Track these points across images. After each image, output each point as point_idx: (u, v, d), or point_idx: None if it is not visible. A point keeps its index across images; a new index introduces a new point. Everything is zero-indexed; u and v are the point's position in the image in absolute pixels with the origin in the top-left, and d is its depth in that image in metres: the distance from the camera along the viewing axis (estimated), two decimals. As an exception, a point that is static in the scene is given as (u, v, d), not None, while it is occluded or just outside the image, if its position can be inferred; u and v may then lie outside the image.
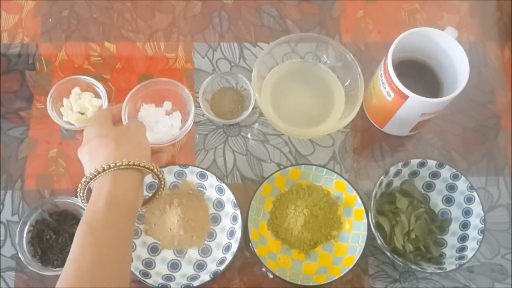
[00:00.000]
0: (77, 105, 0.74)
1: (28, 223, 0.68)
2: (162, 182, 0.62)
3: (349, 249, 0.69)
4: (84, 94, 0.75)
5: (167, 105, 0.75)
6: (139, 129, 0.63)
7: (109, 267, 0.53)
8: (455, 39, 0.68)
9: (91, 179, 0.56)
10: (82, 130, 0.73)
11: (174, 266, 0.69)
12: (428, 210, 0.72)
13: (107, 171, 0.56)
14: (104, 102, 0.74)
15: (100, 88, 0.75)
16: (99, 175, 0.56)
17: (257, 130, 0.77)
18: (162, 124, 0.73)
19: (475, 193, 0.69)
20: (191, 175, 0.72)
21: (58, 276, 0.66)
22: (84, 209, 0.68)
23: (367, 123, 0.78)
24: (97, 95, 0.75)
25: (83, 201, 0.59)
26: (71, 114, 0.74)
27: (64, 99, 0.75)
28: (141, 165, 0.57)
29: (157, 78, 0.74)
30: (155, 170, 0.59)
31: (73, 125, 0.73)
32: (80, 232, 0.53)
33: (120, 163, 0.56)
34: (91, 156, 0.58)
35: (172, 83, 0.73)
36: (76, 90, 0.75)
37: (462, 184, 0.70)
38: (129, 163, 0.56)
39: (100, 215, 0.54)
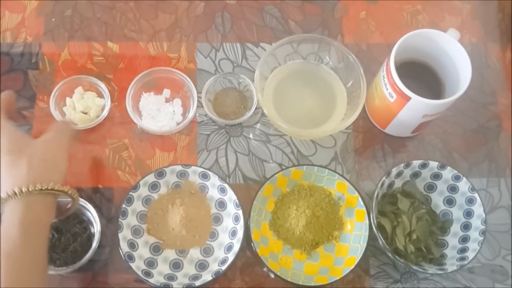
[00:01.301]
0: (80, 105, 0.74)
1: (31, 222, 0.68)
2: (76, 201, 0.61)
3: (351, 250, 0.70)
4: (87, 93, 0.75)
5: (166, 92, 0.76)
6: (56, 142, 0.60)
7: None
8: (458, 41, 0.69)
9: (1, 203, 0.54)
10: (85, 130, 0.73)
11: (176, 265, 0.70)
12: (430, 211, 0.72)
13: (18, 196, 0.54)
14: (107, 101, 0.74)
15: (103, 87, 0.75)
16: (10, 199, 0.54)
17: (259, 131, 0.77)
18: (164, 111, 0.75)
19: (476, 195, 0.69)
20: (193, 175, 0.72)
21: (60, 275, 0.68)
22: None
23: (369, 124, 0.78)
24: (100, 95, 0.75)
25: None
26: (74, 114, 0.74)
27: (67, 99, 0.75)
28: (54, 189, 0.56)
29: (153, 68, 0.76)
30: (69, 192, 0.58)
31: (76, 124, 0.73)
32: None
33: (33, 188, 0.54)
34: (3, 175, 0.55)
35: (168, 70, 0.75)
36: (79, 89, 0.75)
37: (463, 185, 0.71)
38: (42, 188, 0.55)
39: (15, 242, 0.53)
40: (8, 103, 0.63)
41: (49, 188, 0.55)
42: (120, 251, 0.67)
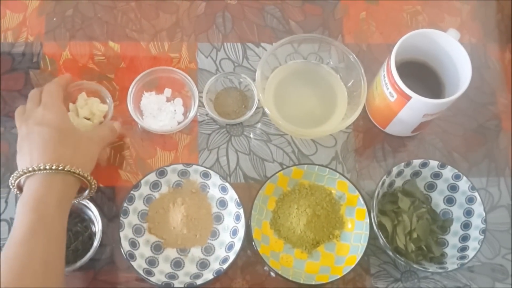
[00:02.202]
0: (84, 111, 0.72)
1: (32, 221, 0.68)
2: (92, 191, 0.66)
3: (351, 249, 0.70)
4: (90, 99, 0.74)
5: (168, 91, 0.77)
6: (96, 144, 0.66)
7: (57, 254, 0.58)
8: (458, 41, 0.69)
9: (41, 170, 0.59)
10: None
11: (177, 264, 0.70)
12: (430, 210, 0.73)
13: (60, 171, 0.59)
14: (110, 107, 0.73)
15: (105, 93, 0.73)
16: (50, 171, 0.59)
17: (260, 130, 0.77)
18: (165, 111, 0.75)
19: (476, 194, 0.70)
20: (195, 174, 0.72)
21: (61, 274, 0.68)
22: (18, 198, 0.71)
23: (369, 123, 0.78)
24: (103, 100, 0.74)
25: (14, 187, 0.62)
26: (77, 120, 0.72)
27: (70, 105, 0.73)
28: (87, 178, 0.63)
29: (154, 67, 0.76)
30: (93, 185, 0.64)
31: None
32: (28, 218, 0.57)
33: (74, 170, 0.60)
34: (45, 145, 0.61)
35: (169, 70, 0.76)
36: (83, 95, 0.74)
37: (463, 184, 0.71)
38: (80, 173, 0.61)
39: (51, 209, 0.58)
40: (66, 84, 0.71)
41: (84, 175, 0.62)
42: (122, 250, 0.67)
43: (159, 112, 0.75)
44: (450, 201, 0.73)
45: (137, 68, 0.78)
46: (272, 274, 0.70)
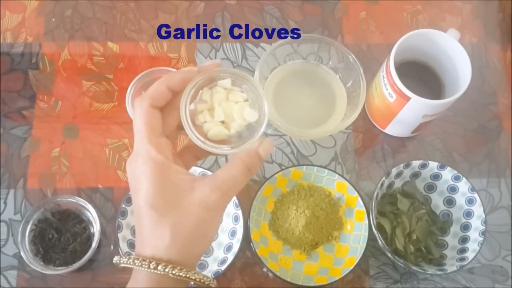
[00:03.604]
0: (222, 110, 0.45)
1: (31, 222, 0.68)
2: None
3: (350, 250, 0.70)
4: (235, 93, 0.45)
5: None
6: (220, 208, 0.43)
7: None
8: (458, 41, 0.69)
9: (130, 264, 0.42)
10: (87, 129, 0.73)
11: (176, 265, 0.70)
12: (429, 211, 0.72)
13: (149, 269, 0.41)
14: (263, 118, 0.44)
15: (256, 91, 0.44)
16: (141, 267, 0.41)
17: (259, 131, 0.77)
18: None
19: (476, 195, 0.69)
20: (193, 175, 0.72)
21: (59, 275, 0.68)
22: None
23: (369, 124, 0.78)
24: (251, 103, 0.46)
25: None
26: (209, 124, 0.45)
27: (204, 90, 0.45)
28: (193, 279, 0.42)
29: (153, 68, 0.73)
30: (206, 282, 0.43)
31: (207, 143, 0.44)
32: None
33: (171, 271, 0.41)
34: (138, 227, 0.43)
35: (168, 70, 0.74)
36: (226, 83, 0.45)
37: (463, 185, 0.70)
38: (181, 275, 0.41)
39: None
40: (177, 85, 0.43)
41: (188, 276, 0.42)
42: (120, 251, 0.67)
43: None
44: (449, 202, 0.72)
45: (136, 69, 0.78)
46: (271, 275, 0.69)
